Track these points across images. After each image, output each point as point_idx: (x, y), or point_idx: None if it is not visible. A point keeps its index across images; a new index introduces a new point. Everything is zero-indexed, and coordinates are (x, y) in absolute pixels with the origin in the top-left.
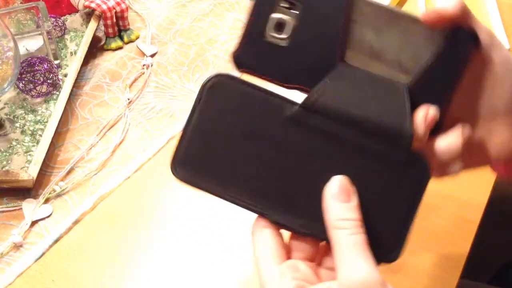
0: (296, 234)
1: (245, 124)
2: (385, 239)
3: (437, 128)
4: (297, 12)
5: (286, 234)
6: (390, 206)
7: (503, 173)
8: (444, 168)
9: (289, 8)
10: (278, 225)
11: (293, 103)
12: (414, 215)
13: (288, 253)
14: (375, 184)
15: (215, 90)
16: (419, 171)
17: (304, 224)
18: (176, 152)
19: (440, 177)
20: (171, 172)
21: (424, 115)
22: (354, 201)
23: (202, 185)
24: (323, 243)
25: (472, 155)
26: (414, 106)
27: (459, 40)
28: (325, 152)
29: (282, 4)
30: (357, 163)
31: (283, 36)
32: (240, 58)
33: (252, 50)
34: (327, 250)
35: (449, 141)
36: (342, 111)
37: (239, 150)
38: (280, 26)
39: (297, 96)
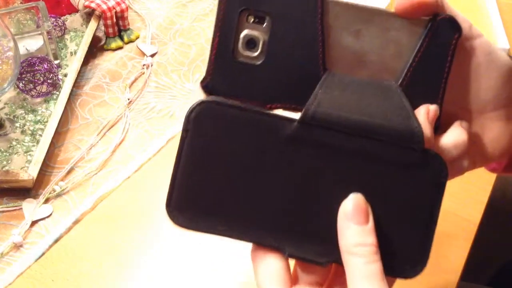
0: (313, 264)
1: (241, 151)
2: (408, 251)
3: (436, 126)
4: (267, 26)
5: None
6: (409, 214)
7: (496, 167)
8: (452, 165)
9: (257, 23)
10: (292, 257)
11: (290, 120)
12: (435, 220)
13: (294, 278)
14: (392, 192)
15: (202, 119)
16: (436, 169)
17: (320, 252)
18: (170, 195)
19: (450, 178)
20: (168, 218)
21: (426, 112)
22: (371, 221)
23: (206, 228)
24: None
25: (468, 153)
26: (410, 104)
27: (440, 29)
28: (334, 168)
29: (249, 20)
30: (369, 173)
31: (255, 53)
32: (212, 86)
33: (224, 75)
34: (337, 271)
35: (454, 137)
36: (344, 119)
37: (239, 181)
38: (250, 43)
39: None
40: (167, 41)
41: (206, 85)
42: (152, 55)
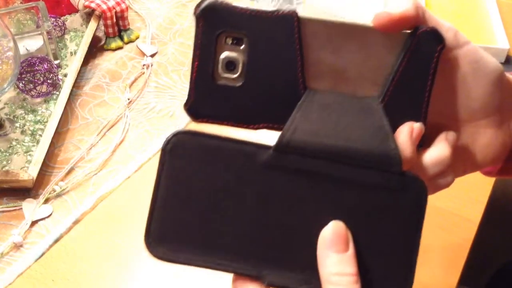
0: None
1: (218, 181)
2: (390, 279)
3: (421, 141)
4: (245, 47)
5: None
6: (390, 240)
7: (491, 170)
8: (435, 182)
9: (235, 44)
10: (273, 286)
11: (266, 147)
12: (417, 245)
13: None
14: (372, 218)
15: (178, 151)
16: (415, 192)
17: (301, 280)
18: (148, 228)
19: (432, 193)
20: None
21: (409, 132)
22: (351, 249)
23: (186, 260)
24: None
25: (457, 160)
26: (392, 121)
27: (422, 42)
28: (312, 194)
29: (227, 42)
30: (348, 199)
31: (235, 75)
32: (195, 109)
33: (206, 97)
34: None
35: (437, 153)
36: (319, 146)
37: (218, 211)
38: (229, 65)
39: (269, 135)
40: (167, 41)
41: (189, 108)
42: (152, 55)
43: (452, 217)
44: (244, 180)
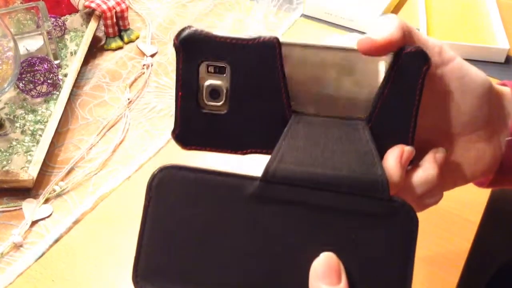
0: None
1: (205, 215)
2: None
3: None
4: (228, 75)
5: None
6: (382, 268)
7: (483, 181)
8: (422, 201)
9: (218, 73)
10: None
11: (252, 178)
12: (410, 272)
13: None
14: (362, 246)
15: (163, 186)
16: (405, 218)
17: None
18: (136, 265)
19: (419, 211)
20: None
21: (399, 156)
22: (343, 281)
23: None
24: None
25: (448, 175)
26: (379, 143)
27: (407, 63)
28: (300, 224)
29: (209, 70)
30: (336, 228)
31: (220, 103)
32: (183, 137)
33: (192, 126)
34: None
35: (425, 173)
36: (306, 175)
37: (206, 246)
38: (214, 93)
39: (255, 164)
40: (167, 41)
41: (176, 136)
42: (152, 55)
43: (452, 217)
44: (231, 213)
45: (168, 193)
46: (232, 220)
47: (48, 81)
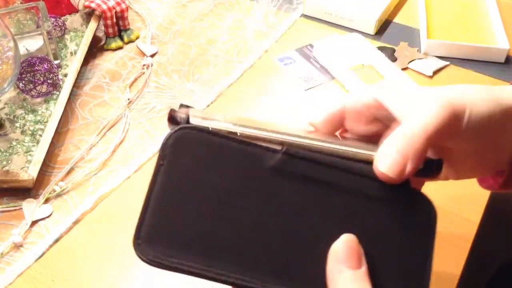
0: None
1: (222, 182)
2: None
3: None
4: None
5: None
6: (402, 256)
7: (492, 184)
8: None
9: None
10: None
11: (274, 150)
12: (431, 263)
13: None
14: (383, 234)
15: (180, 146)
16: (425, 212)
17: None
18: (138, 228)
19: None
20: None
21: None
22: (364, 266)
23: (179, 265)
24: None
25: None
26: None
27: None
28: (321, 204)
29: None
30: (359, 210)
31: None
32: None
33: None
34: None
35: None
36: (332, 150)
37: (220, 214)
38: None
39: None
40: (167, 41)
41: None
42: (152, 55)
43: (452, 217)
44: (249, 182)
45: (184, 154)
46: (249, 191)
47: (48, 81)
